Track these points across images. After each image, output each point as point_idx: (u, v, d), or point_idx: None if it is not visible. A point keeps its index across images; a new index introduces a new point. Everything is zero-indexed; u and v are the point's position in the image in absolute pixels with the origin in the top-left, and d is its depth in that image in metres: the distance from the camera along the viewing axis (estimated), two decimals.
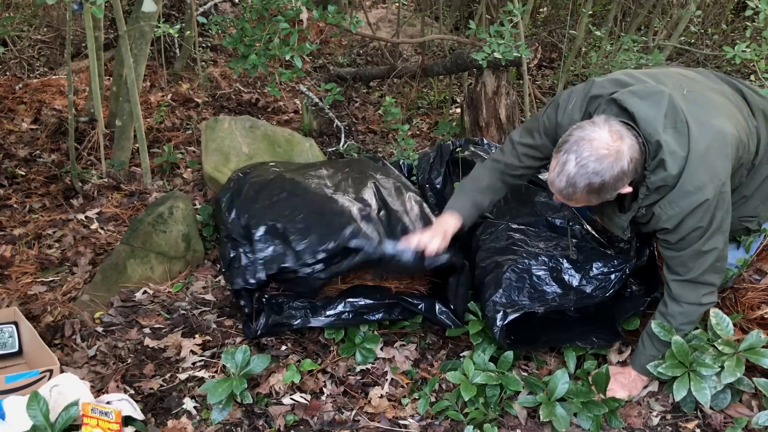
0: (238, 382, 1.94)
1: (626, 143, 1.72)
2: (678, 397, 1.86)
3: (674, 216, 1.81)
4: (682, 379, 1.86)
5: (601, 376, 1.94)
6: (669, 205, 1.81)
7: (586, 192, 1.75)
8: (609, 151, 1.70)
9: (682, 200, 1.78)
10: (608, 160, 1.70)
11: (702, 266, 1.86)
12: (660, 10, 4.36)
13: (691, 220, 1.80)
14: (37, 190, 3.17)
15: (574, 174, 1.73)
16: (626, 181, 1.76)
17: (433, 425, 1.96)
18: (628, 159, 1.72)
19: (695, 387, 1.84)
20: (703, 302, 1.92)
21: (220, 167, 3.09)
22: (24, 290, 2.48)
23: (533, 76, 4.81)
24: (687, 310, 1.93)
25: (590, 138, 1.72)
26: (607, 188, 1.74)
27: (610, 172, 1.71)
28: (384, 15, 6.01)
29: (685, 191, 1.78)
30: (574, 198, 1.80)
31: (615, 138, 1.72)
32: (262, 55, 2.65)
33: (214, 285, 2.55)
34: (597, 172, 1.71)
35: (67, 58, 3.12)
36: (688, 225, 1.82)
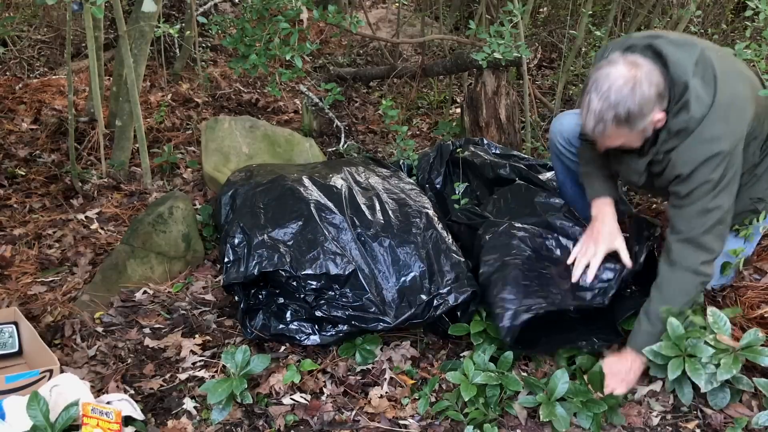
0: (238, 382, 1.94)
1: (643, 70, 1.79)
2: (672, 376, 1.86)
3: (689, 162, 1.86)
4: (676, 360, 1.88)
5: (596, 375, 1.94)
6: (686, 150, 1.86)
7: (616, 124, 1.80)
8: (626, 79, 1.77)
9: (699, 146, 1.84)
10: (627, 87, 1.77)
11: (705, 225, 1.90)
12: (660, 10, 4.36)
13: (704, 170, 1.86)
14: (37, 190, 3.17)
15: (599, 110, 1.79)
16: (653, 106, 1.81)
17: (433, 425, 1.96)
18: (648, 83, 1.79)
19: (690, 368, 1.85)
20: (699, 270, 1.94)
21: (220, 167, 3.09)
22: (24, 290, 2.48)
23: (533, 76, 4.81)
24: (683, 276, 1.95)
25: (607, 73, 1.79)
26: (635, 116, 1.79)
27: (632, 98, 1.77)
28: (384, 15, 6.01)
29: (703, 138, 1.84)
30: (607, 134, 1.85)
31: (630, 67, 1.79)
32: (263, 55, 2.65)
33: (214, 285, 2.55)
34: (619, 102, 1.77)
35: (67, 58, 3.12)
36: (700, 175, 1.87)
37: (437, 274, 2.21)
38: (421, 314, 2.13)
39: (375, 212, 2.41)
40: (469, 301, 2.18)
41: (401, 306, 2.15)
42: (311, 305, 2.19)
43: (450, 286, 2.17)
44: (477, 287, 2.20)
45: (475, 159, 2.78)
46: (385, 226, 2.34)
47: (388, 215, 2.40)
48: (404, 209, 2.44)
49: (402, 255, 2.26)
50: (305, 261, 2.18)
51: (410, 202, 2.49)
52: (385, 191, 2.55)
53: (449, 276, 2.21)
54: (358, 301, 2.15)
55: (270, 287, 2.29)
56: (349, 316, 2.14)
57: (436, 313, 2.13)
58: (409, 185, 2.66)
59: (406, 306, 2.14)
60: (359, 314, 2.13)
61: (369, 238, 2.29)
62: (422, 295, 2.16)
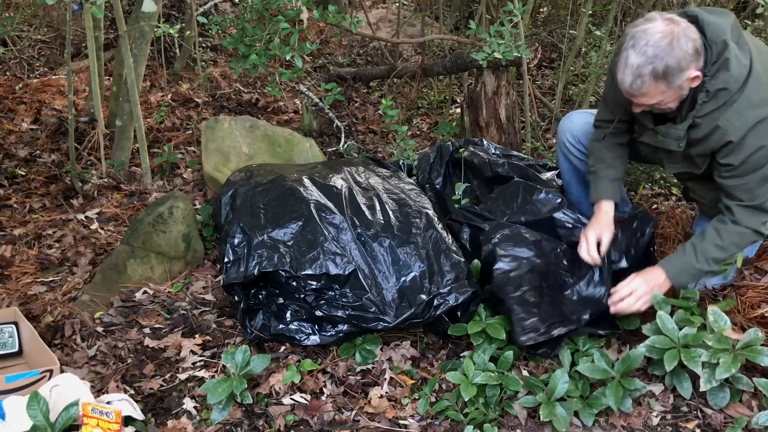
0: (238, 382, 1.94)
1: (680, 26, 1.80)
2: (669, 368, 1.88)
3: (740, 127, 1.87)
4: (672, 351, 1.89)
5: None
6: (736, 115, 1.86)
7: (653, 79, 1.80)
8: (663, 34, 1.77)
9: (749, 111, 1.85)
10: (665, 41, 1.77)
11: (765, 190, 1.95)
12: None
13: (755, 136, 1.87)
14: (37, 190, 3.17)
15: (637, 65, 1.79)
16: (690, 62, 1.81)
17: (433, 425, 1.96)
18: (685, 39, 1.79)
19: (686, 357, 1.86)
20: (760, 229, 2.01)
21: (220, 167, 3.09)
22: (24, 290, 2.48)
23: (533, 76, 4.81)
24: (744, 232, 2.01)
25: (644, 29, 1.79)
26: (673, 71, 1.79)
27: (670, 53, 1.77)
28: (384, 15, 6.01)
29: (752, 102, 1.85)
30: (644, 91, 1.83)
31: (668, 23, 1.79)
32: (263, 55, 2.65)
33: (214, 285, 2.55)
34: (657, 56, 1.77)
35: (67, 58, 3.12)
36: (752, 142, 1.88)
37: (437, 274, 2.21)
38: (421, 314, 2.13)
39: (375, 212, 2.41)
40: (469, 301, 2.18)
41: (401, 306, 2.15)
42: (311, 305, 2.19)
43: (450, 286, 2.17)
44: (477, 287, 2.20)
45: (475, 159, 2.78)
46: (385, 226, 2.34)
47: (388, 215, 2.40)
48: (404, 209, 2.44)
49: (402, 255, 2.26)
50: (305, 261, 2.18)
51: (410, 202, 2.49)
52: (385, 191, 2.55)
53: (449, 276, 2.21)
54: (358, 301, 2.15)
55: (270, 287, 2.29)
56: (349, 316, 2.14)
57: (436, 313, 2.13)
58: (409, 185, 2.66)
59: (406, 306, 2.14)
60: (359, 314, 2.13)
61: (369, 238, 2.29)
62: (422, 295, 2.16)
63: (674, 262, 2.07)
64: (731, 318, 2.09)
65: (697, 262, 2.03)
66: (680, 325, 1.97)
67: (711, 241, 2.03)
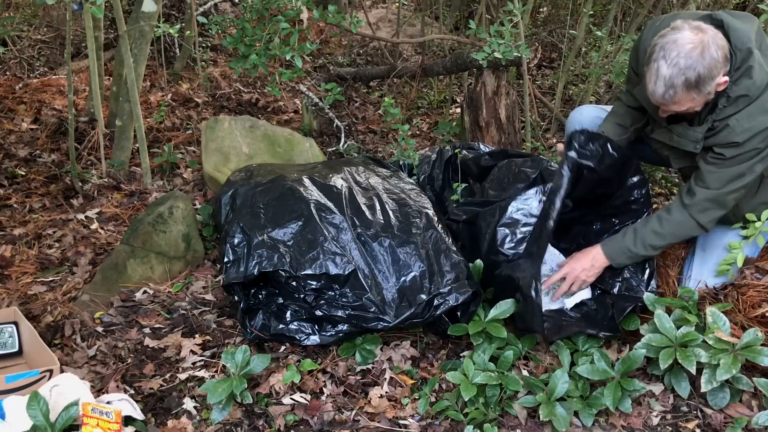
0: (238, 382, 1.94)
1: (708, 34, 1.82)
2: (663, 365, 1.89)
3: (748, 130, 1.91)
4: (667, 350, 1.90)
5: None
6: (747, 118, 1.90)
7: (686, 89, 1.83)
8: (694, 44, 1.80)
9: (761, 116, 1.89)
10: (696, 51, 1.80)
11: (735, 186, 2.00)
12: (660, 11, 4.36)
13: (757, 139, 1.91)
14: (37, 190, 3.17)
15: (669, 76, 1.82)
16: (720, 69, 1.84)
17: (433, 425, 1.96)
18: (715, 47, 1.82)
19: (681, 356, 1.87)
20: (705, 225, 2.07)
21: (220, 167, 3.09)
22: (24, 290, 2.48)
23: (533, 76, 4.81)
24: (686, 223, 2.07)
25: (674, 39, 1.82)
26: (704, 79, 1.82)
27: (702, 62, 1.80)
28: (384, 15, 6.01)
29: (765, 108, 1.89)
30: (676, 100, 1.87)
31: (696, 32, 1.82)
32: (263, 55, 2.65)
33: (214, 285, 2.55)
34: (690, 66, 1.80)
35: (67, 58, 3.12)
36: (752, 143, 1.92)
37: (437, 274, 2.21)
38: (421, 314, 2.13)
39: (375, 212, 2.41)
40: (469, 301, 2.18)
41: (401, 306, 2.15)
42: (311, 305, 2.19)
43: (450, 286, 2.17)
44: (477, 287, 2.20)
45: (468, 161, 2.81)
46: (385, 226, 2.34)
47: (388, 215, 2.40)
48: (404, 209, 2.44)
49: (402, 255, 2.26)
50: (305, 261, 2.18)
51: (410, 202, 2.49)
52: (385, 191, 2.55)
53: (449, 276, 2.21)
54: (358, 301, 2.15)
55: (270, 287, 2.29)
56: (349, 315, 2.14)
57: (436, 312, 2.13)
58: (409, 185, 2.66)
59: (406, 306, 2.14)
60: (359, 314, 2.13)
61: (369, 238, 2.29)
62: (422, 295, 2.16)
63: (613, 244, 2.18)
64: (731, 317, 2.10)
65: (634, 246, 2.14)
66: (678, 324, 1.97)
67: (651, 228, 2.12)
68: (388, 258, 2.26)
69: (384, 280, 2.22)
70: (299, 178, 2.53)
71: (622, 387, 1.92)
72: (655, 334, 1.96)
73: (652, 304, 2.06)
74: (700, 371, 1.89)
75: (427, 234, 2.33)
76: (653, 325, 1.99)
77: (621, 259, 2.19)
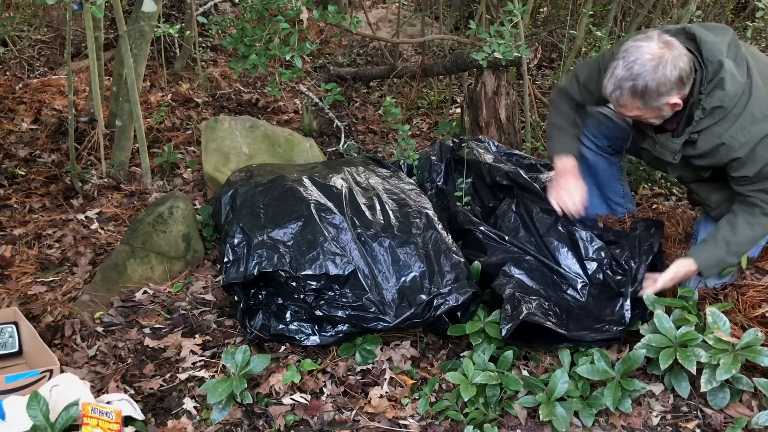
0: (238, 382, 1.94)
1: (673, 52, 1.86)
2: (663, 365, 1.88)
3: (746, 143, 1.92)
4: (667, 350, 1.90)
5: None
6: (740, 132, 1.91)
7: (631, 94, 1.89)
8: (653, 56, 1.85)
9: (753, 126, 1.90)
10: (651, 64, 1.85)
11: None
12: (660, 11, 4.36)
13: (764, 148, 1.91)
14: (37, 190, 3.17)
15: (620, 77, 1.89)
16: (670, 89, 1.87)
17: (433, 425, 1.96)
18: (672, 66, 1.85)
19: (681, 356, 1.87)
20: None
21: (220, 167, 3.09)
22: (24, 290, 2.48)
23: (533, 76, 4.81)
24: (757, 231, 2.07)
25: (638, 46, 1.88)
26: (650, 92, 1.87)
27: (653, 76, 1.85)
28: (384, 15, 6.01)
29: (755, 118, 1.90)
30: (622, 102, 1.94)
31: (662, 47, 1.87)
32: (263, 55, 2.64)
33: (214, 285, 2.55)
34: (639, 75, 1.85)
35: (67, 58, 3.12)
36: (762, 154, 1.92)
37: (437, 275, 2.21)
38: (421, 314, 2.13)
39: (375, 212, 2.41)
40: (469, 301, 2.18)
41: (401, 306, 2.15)
42: (311, 305, 2.19)
43: (450, 287, 2.17)
44: (477, 288, 2.20)
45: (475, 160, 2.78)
46: (385, 226, 2.34)
47: (388, 215, 2.40)
48: (404, 209, 2.44)
49: (402, 255, 2.26)
50: (305, 261, 2.18)
51: (410, 203, 2.49)
52: (385, 191, 2.55)
53: (449, 276, 2.21)
54: (357, 301, 2.15)
55: (270, 287, 2.29)
56: (349, 316, 2.14)
57: (436, 313, 2.13)
58: (409, 185, 2.66)
59: (406, 306, 2.14)
60: (359, 314, 2.13)
61: (369, 238, 2.29)
62: (422, 295, 2.16)
63: (707, 255, 2.12)
64: (731, 317, 2.10)
65: (728, 256, 2.10)
66: (677, 324, 1.97)
67: (743, 234, 2.08)
68: (388, 258, 2.26)
69: (384, 281, 2.22)
70: (299, 178, 2.53)
71: (622, 387, 1.92)
72: (655, 334, 1.96)
73: (651, 304, 2.06)
74: (700, 371, 1.89)
75: (427, 234, 2.33)
76: (653, 325, 1.99)
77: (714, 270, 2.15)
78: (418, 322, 2.14)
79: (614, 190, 2.65)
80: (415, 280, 2.21)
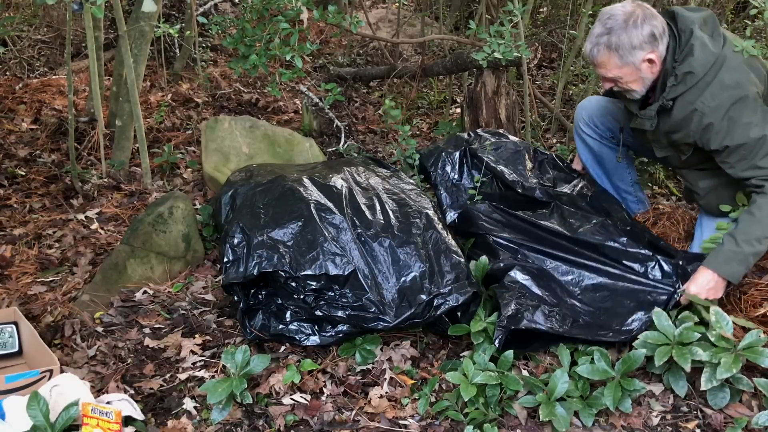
0: (238, 382, 1.94)
1: (646, 11, 2.02)
2: (658, 362, 1.89)
3: (717, 108, 2.00)
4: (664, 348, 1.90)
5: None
6: (711, 97, 2.00)
7: (606, 49, 2.05)
8: (625, 14, 2.02)
9: (723, 92, 1.98)
10: (623, 18, 2.02)
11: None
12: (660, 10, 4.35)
13: (736, 115, 1.98)
14: (37, 190, 3.17)
15: (596, 34, 2.06)
16: (643, 43, 2.02)
17: (433, 425, 1.95)
18: (643, 20, 2.01)
19: (677, 354, 1.87)
20: None
21: (220, 167, 3.09)
22: (24, 290, 2.48)
23: (533, 76, 4.81)
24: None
25: (614, 7, 2.06)
26: (624, 45, 2.02)
27: (625, 29, 2.01)
28: (384, 15, 6.01)
29: (725, 84, 1.98)
30: (599, 60, 2.08)
31: (636, 7, 2.04)
32: (263, 55, 2.65)
33: (214, 285, 2.55)
34: (612, 28, 2.02)
35: (67, 58, 3.12)
36: (735, 119, 1.99)
37: (437, 275, 2.21)
38: (421, 314, 2.13)
39: (375, 212, 2.41)
40: (469, 301, 2.18)
41: (401, 306, 2.15)
42: (311, 305, 2.19)
43: (450, 287, 2.17)
44: (477, 288, 2.20)
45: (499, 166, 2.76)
46: (385, 226, 2.34)
47: (388, 215, 2.40)
48: (404, 209, 2.44)
49: (402, 255, 2.26)
50: (305, 261, 2.18)
51: (410, 202, 2.49)
52: (385, 191, 2.55)
53: (449, 276, 2.21)
54: (357, 302, 2.15)
55: (270, 287, 2.29)
56: (348, 316, 2.14)
57: (436, 313, 2.13)
58: (409, 185, 2.66)
59: (406, 306, 2.14)
60: (359, 314, 2.13)
61: (369, 238, 2.29)
62: (422, 295, 2.16)
63: (717, 256, 2.08)
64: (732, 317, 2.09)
65: (738, 246, 2.04)
66: (677, 322, 1.97)
67: (746, 221, 2.06)
68: (388, 258, 2.26)
69: (384, 281, 2.22)
70: (299, 178, 2.53)
71: (622, 387, 1.92)
72: (653, 332, 1.96)
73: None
74: (700, 371, 1.89)
75: (427, 234, 2.33)
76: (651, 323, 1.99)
77: (733, 267, 2.06)
78: (418, 322, 2.14)
79: (622, 178, 2.72)
80: (415, 280, 2.21)
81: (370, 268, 2.23)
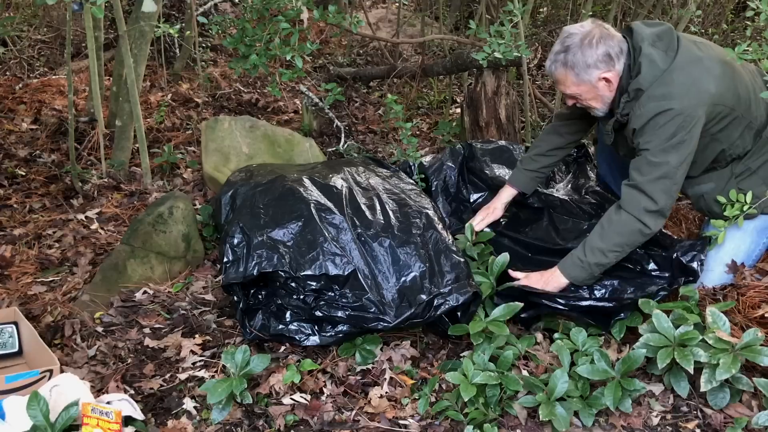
0: (238, 382, 1.94)
1: (603, 32, 2.09)
2: (661, 365, 1.89)
3: (641, 116, 2.08)
4: (665, 350, 1.91)
5: None
6: (639, 106, 2.09)
7: (563, 66, 2.12)
8: (582, 34, 2.09)
9: (650, 103, 2.06)
10: (578, 38, 2.09)
11: (651, 174, 2.08)
12: (660, 11, 4.36)
13: (655, 124, 2.06)
14: (37, 190, 3.17)
15: (555, 52, 2.13)
16: (598, 62, 2.08)
17: (433, 425, 1.96)
18: (598, 41, 2.07)
19: (679, 355, 1.87)
20: (642, 217, 2.11)
21: (220, 167, 3.09)
22: (24, 290, 2.48)
23: (533, 76, 4.81)
24: (626, 218, 2.12)
25: (573, 26, 2.14)
26: (579, 64, 2.09)
27: (580, 48, 2.08)
28: (384, 15, 6.01)
29: (653, 95, 2.06)
30: (557, 77, 2.16)
31: (594, 27, 2.10)
32: (263, 55, 2.64)
33: (214, 285, 2.55)
34: (569, 47, 2.09)
35: (67, 58, 3.12)
36: (651, 128, 2.07)
37: (437, 275, 2.21)
38: (421, 314, 2.13)
39: (375, 212, 2.41)
40: (469, 301, 2.18)
41: (401, 306, 2.15)
42: (311, 306, 2.19)
43: (450, 287, 2.17)
44: (478, 288, 2.20)
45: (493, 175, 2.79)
46: (385, 226, 2.34)
47: (388, 215, 2.40)
48: (404, 209, 2.44)
49: (402, 255, 2.26)
50: (305, 261, 2.18)
51: (410, 203, 2.49)
52: (385, 191, 2.55)
53: (449, 276, 2.21)
54: (357, 302, 2.15)
55: (269, 287, 2.29)
56: (348, 316, 2.14)
57: (436, 313, 2.13)
58: (409, 185, 2.66)
59: (406, 306, 2.14)
60: (359, 314, 2.13)
61: (369, 238, 2.29)
62: (422, 295, 2.16)
63: (566, 262, 2.23)
64: (731, 318, 2.10)
65: (583, 255, 2.17)
66: (676, 323, 1.97)
67: (596, 231, 2.18)
68: (388, 258, 2.26)
69: (384, 281, 2.22)
70: (299, 178, 2.53)
71: (622, 387, 1.92)
72: (654, 334, 1.96)
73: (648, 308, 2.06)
74: (700, 371, 1.89)
75: (427, 234, 2.33)
76: (651, 324, 1.99)
77: (575, 271, 2.20)
78: (418, 322, 2.14)
79: None
80: (415, 280, 2.21)
81: (370, 268, 2.23)
